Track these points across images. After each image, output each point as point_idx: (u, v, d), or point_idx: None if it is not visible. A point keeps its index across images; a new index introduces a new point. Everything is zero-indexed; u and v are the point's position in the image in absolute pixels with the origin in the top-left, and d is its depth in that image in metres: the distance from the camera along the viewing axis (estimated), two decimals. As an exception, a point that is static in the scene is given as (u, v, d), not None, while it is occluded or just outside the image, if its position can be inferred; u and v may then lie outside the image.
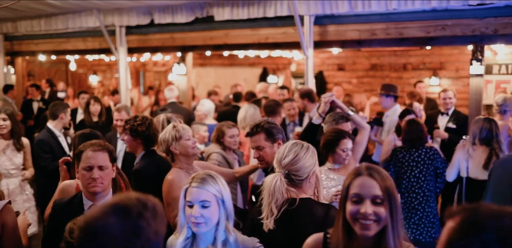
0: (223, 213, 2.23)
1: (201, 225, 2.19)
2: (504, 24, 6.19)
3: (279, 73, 12.37)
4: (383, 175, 1.85)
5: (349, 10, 6.70)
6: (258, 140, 3.21)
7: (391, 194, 1.81)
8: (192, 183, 2.24)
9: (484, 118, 4.97)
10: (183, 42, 8.49)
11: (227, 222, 2.25)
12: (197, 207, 2.19)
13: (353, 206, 1.82)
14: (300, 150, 2.52)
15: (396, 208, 1.81)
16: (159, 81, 13.99)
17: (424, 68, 10.78)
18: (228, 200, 2.26)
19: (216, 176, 2.28)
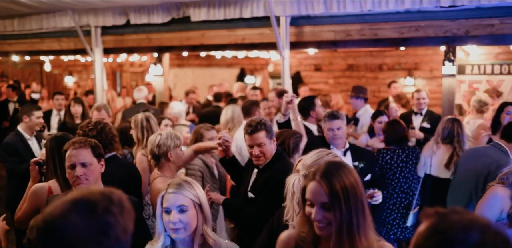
0: (201, 217, 2.24)
1: (179, 231, 2.19)
2: (475, 25, 6.32)
3: (257, 74, 12.41)
4: (338, 177, 1.82)
5: (325, 11, 6.76)
6: (260, 137, 3.32)
7: (345, 197, 1.79)
8: (168, 189, 2.24)
9: (449, 118, 5.11)
10: (159, 42, 8.45)
11: (205, 226, 2.25)
12: (174, 213, 2.20)
13: (308, 208, 1.86)
14: (324, 154, 2.56)
15: (356, 207, 1.80)
16: (136, 82, 13.89)
17: (400, 68, 10.94)
18: (206, 205, 2.27)
19: (192, 182, 2.29)
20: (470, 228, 1.15)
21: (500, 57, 9.55)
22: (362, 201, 1.83)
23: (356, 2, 6.54)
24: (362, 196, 1.84)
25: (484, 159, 4.00)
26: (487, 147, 4.12)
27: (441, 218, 1.20)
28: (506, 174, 3.02)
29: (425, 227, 1.22)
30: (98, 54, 8.74)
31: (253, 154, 3.36)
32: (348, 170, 1.87)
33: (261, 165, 3.39)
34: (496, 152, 3.93)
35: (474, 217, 1.20)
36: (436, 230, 1.18)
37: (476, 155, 4.16)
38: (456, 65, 6.93)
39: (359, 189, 1.83)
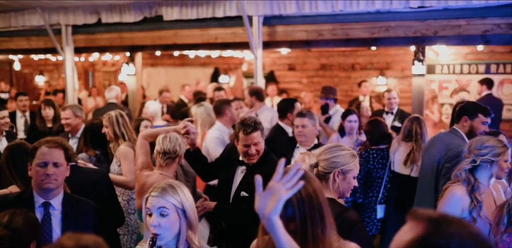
0: (183, 223, 2.21)
1: (159, 237, 2.16)
2: (443, 26, 6.46)
3: (231, 73, 12.40)
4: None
5: (297, 11, 6.81)
6: (258, 136, 3.39)
7: (300, 208, 1.85)
8: (152, 192, 2.23)
9: (410, 117, 5.27)
10: (131, 41, 8.37)
11: (190, 233, 2.23)
12: (155, 216, 2.18)
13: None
14: (338, 147, 2.61)
15: (312, 217, 1.85)
16: (109, 81, 13.72)
17: (372, 68, 11.07)
18: (191, 211, 2.24)
19: (177, 186, 2.26)
20: (466, 242, 1.13)
21: (468, 57, 9.78)
22: (321, 210, 1.88)
23: (327, 2, 6.61)
24: (320, 204, 1.89)
25: (438, 145, 4.16)
26: (445, 133, 4.28)
27: (435, 228, 1.16)
28: (459, 170, 3.10)
29: (417, 235, 1.17)
30: (69, 53, 8.61)
31: (248, 153, 3.39)
32: (308, 179, 1.90)
33: (252, 163, 3.45)
34: (451, 136, 4.05)
35: (468, 228, 1.18)
36: (430, 242, 1.14)
37: (433, 141, 4.33)
38: (425, 64, 7.07)
39: (317, 198, 1.88)
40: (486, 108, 4.04)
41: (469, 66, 9.81)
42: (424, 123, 5.28)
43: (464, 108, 4.09)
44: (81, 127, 5.39)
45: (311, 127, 4.37)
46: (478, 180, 3.04)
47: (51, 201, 2.72)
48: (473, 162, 3.05)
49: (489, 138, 3.14)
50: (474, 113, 4.00)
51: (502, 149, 3.05)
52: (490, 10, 6.20)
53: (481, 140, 3.11)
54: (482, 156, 3.03)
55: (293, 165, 1.81)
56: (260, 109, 6.01)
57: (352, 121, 5.66)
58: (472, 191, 3.01)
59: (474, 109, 4.03)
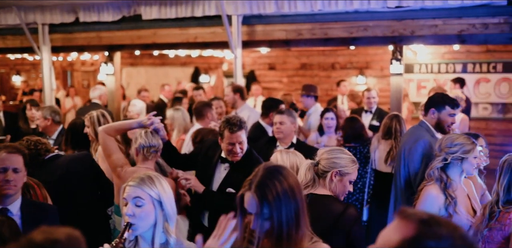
0: (160, 214, 2.21)
1: (134, 227, 2.16)
2: (420, 25, 6.54)
3: (211, 73, 12.37)
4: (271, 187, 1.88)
5: (276, 10, 6.83)
6: (242, 135, 3.47)
7: (277, 207, 1.85)
8: (129, 182, 2.24)
9: (390, 115, 5.33)
10: (110, 41, 8.29)
11: (167, 225, 2.23)
12: (130, 205, 2.19)
13: (248, 216, 1.97)
14: (341, 150, 2.78)
15: (288, 216, 1.86)
16: (88, 81, 13.57)
17: (351, 67, 11.16)
18: (168, 203, 2.23)
19: (156, 178, 2.26)
20: (456, 245, 1.14)
21: (446, 57, 9.92)
22: (297, 208, 1.89)
23: (306, 2, 6.64)
24: (296, 202, 1.89)
25: (404, 138, 4.23)
26: (414, 127, 4.28)
27: (426, 229, 1.16)
28: (431, 169, 3.16)
29: (408, 235, 1.16)
30: (46, 52, 8.48)
31: (233, 151, 3.45)
32: (285, 176, 1.91)
33: (235, 161, 3.52)
34: (418, 129, 4.09)
35: (458, 230, 1.18)
36: (422, 244, 1.14)
37: (403, 136, 4.43)
38: (403, 64, 7.15)
39: (293, 196, 1.89)
40: (453, 100, 4.04)
41: (447, 65, 9.95)
42: (404, 121, 5.35)
43: (432, 100, 4.09)
44: (57, 128, 5.34)
45: (289, 125, 4.41)
46: (450, 177, 3.12)
47: (9, 207, 2.69)
48: (444, 160, 3.12)
49: (458, 136, 3.21)
50: (441, 105, 3.98)
51: (471, 146, 3.12)
52: (466, 10, 6.30)
53: (450, 138, 3.18)
54: (453, 153, 3.10)
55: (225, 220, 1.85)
56: (240, 108, 6.03)
57: (329, 119, 5.71)
58: (445, 189, 3.08)
59: (442, 101, 4.01)
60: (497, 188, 2.80)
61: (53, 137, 5.35)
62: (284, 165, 3.12)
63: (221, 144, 3.53)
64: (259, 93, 9.59)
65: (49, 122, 5.30)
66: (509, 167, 2.74)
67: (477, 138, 3.73)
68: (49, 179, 3.51)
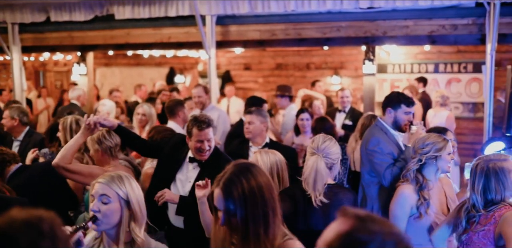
0: (126, 214, 2.21)
1: (98, 222, 2.18)
2: (392, 26, 6.64)
3: (187, 73, 12.31)
4: (238, 185, 1.89)
5: (250, 10, 6.84)
6: (211, 132, 3.48)
7: (242, 204, 1.87)
8: (99, 179, 2.25)
9: (367, 115, 5.36)
10: (82, 41, 8.19)
11: (134, 225, 2.22)
12: (96, 201, 2.20)
13: (218, 213, 2.00)
14: (330, 139, 3.02)
15: (254, 214, 1.86)
16: (60, 81, 13.35)
17: (326, 67, 11.24)
18: (136, 204, 2.23)
19: (126, 178, 2.27)
20: (386, 240, 1.18)
21: (418, 57, 10.07)
22: (265, 208, 1.89)
23: (280, 2, 6.67)
24: (265, 202, 1.89)
25: (363, 139, 4.28)
26: (371, 127, 4.33)
27: (361, 224, 1.21)
28: (408, 171, 3.20)
29: (343, 230, 1.22)
30: (16, 52, 8.32)
31: (201, 148, 3.44)
32: (254, 174, 1.92)
33: (204, 160, 3.50)
34: (373, 128, 4.14)
35: (391, 227, 1.23)
36: (354, 237, 1.19)
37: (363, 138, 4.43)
38: (376, 64, 7.24)
39: (261, 195, 1.89)
40: (409, 98, 4.07)
41: (419, 65, 10.10)
42: None
43: (388, 99, 4.11)
44: (24, 130, 5.24)
45: (258, 124, 4.41)
46: (426, 177, 3.16)
47: None
48: (419, 162, 3.16)
49: (429, 135, 3.26)
50: (397, 104, 4.00)
51: (442, 143, 3.17)
52: (436, 11, 6.42)
53: (422, 139, 3.23)
54: (426, 153, 3.14)
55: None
56: (207, 108, 6.04)
57: (304, 119, 5.74)
58: (420, 190, 3.12)
59: (397, 100, 4.02)
60: (473, 192, 2.77)
61: (19, 138, 5.25)
62: (259, 164, 3.16)
63: (188, 142, 3.50)
64: (232, 94, 9.58)
65: (16, 123, 5.19)
66: (482, 172, 2.73)
67: (446, 132, 3.80)
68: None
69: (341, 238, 1.20)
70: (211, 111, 5.98)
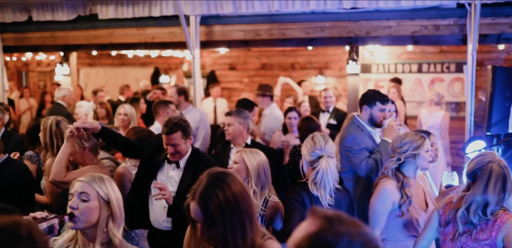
0: (104, 213, 2.21)
1: (75, 219, 2.17)
2: (374, 27, 6.68)
3: (171, 73, 12.26)
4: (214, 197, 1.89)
5: (234, 10, 6.84)
6: (176, 138, 3.40)
7: (220, 216, 1.87)
8: (80, 178, 2.26)
9: (352, 115, 5.37)
10: (65, 41, 8.11)
11: (112, 225, 2.22)
12: (75, 198, 2.19)
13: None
14: (328, 137, 3.14)
15: (232, 224, 1.87)
16: (44, 82, 13.21)
17: (311, 67, 11.27)
18: (117, 205, 2.24)
19: (108, 180, 2.28)
20: (353, 241, 1.19)
21: (402, 57, 10.16)
22: (241, 217, 1.90)
23: (264, 3, 6.68)
24: (240, 211, 1.90)
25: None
26: (348, 124, 4.43)
27: (328, 225, 1.22)
28: (386, 169, 3.22)
29: (311, 231, 1.23)
30: (-3, 52, 8.22)
31: (168, 151, 3.45)
32: (228, 184, 1.92)
33: (177, 161, 3.48)
34: (350, 126, 4.26)
35: (359, 228, 1.23)
36: (320, 238, 1.20)
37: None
38: (360, 64, 7.29)
39: (237, 205, 1.90)
40: (384, 96, 4.18)
41: (403, 65, 10.18)
42: None
43: (363, 97, 4.23)
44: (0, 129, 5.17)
45: (237, 126, 4.42)
46: (405, 175, 3.17)
47: None
48: (398, 161, 3.17)
49: (406, 134, 3.28)
50: (372, 101, 4.12)
51: (420, 141, 3.18)
52: (418, 12, 6.48)
53: (399, 138, 3.25)
54: (404, 152, 3.16)
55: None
56: (186, 109, 6.03)
57: (292, 118, 5.77)
58: (402, 187, 3.13)
59: (372, 97, 4.15)
60: (487, 194, 2.60)
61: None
62: (246, 164, 3.17)
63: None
64: (218, 95, 9.55)
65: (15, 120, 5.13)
66: (499, 173, 2.61)
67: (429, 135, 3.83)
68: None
69: (308, 239, 1.21)
70: (191, 112, 5.99)
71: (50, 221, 2.12)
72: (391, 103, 5.05)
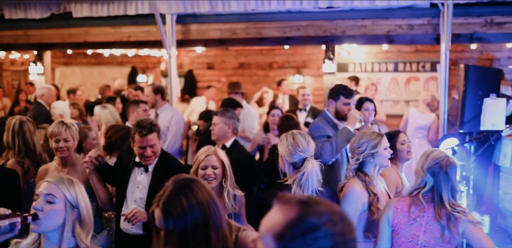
0: (70, 217, 2.15)
1: (38, 222, 2.10)
2: (350, 26, 6.73)
3: (149, 72, 12.16)
4: (177, 204, 1.86)
5: (210, 9, 6.81)
6: (153, 139, 3.39)
7: (182, 224, 1.84)
8: (48, 179, 2.20)
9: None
10: (39, 39, 7.98)
11: (80, 230, 2.17)
12: (40, 199, 2.12)
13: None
14: (308, 137, 3.14)
15: (196, 231, 1.84)
16: (18, 81, 12.97)
17: (289, 66, 11.30)
18: (85, 209, 2.19)
19: (77, 183, 2.22)
20: (335, 220, 1.24)
21: (379, 56, 10.26)
22: (206, 223, 1.87)
23: (240, 2, 6.67)
24: (206, 217, 1.87)
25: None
26: (318, 117, 4.58)
27: (307, 208, 1.24)
28: (348, 170, 3.24)
29: (292, 216, 1.23)
30: (-32, 51, 8.05)
31: (144, 154, 3.37)
32: (194, 191, 1.89)
33: (150, 165, 3.42)
34: (318, 119, 4.41)
35: (333, 207, 1.28)
36: (305, 222, 1.22)
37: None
38: (336, 63, 7.33)
39: (203, 211, 1.87)
40: (348, 90, 4.32)
41: (379, 64, 10.29)
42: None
43: (330, 91, 4.40)
44: None
45: (221, 126, 4.33)
46: (368, 174, 3.19)
47: None
48: (357, 161, 3.19)
49: (363, 133, 3.30)
50: (337, 95, 4.28)
51: (377, 139, 3.20)
52: (392, 11, 6.55)
53: (357, 138, 3.27)
54: (362, 152, 3.17)
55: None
56: (161, 108, 5.98)
57: (275, 115, 5.78)
58: (367, 186, 3.15)
59: (337, 92, 4.31)
60: (453, 184, 2.77)
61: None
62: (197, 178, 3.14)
63: (133, 148, 3.44)
64: (212, 97, 9.19)
65: None
66: (454, 168, 2.81)
67: (398, 134, 3.87)
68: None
69: (292, 225, 1.22)
70: (165, 111, 5.94)
71: (12, 219, 2.04)
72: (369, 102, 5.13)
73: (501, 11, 6.26)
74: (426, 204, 2.80)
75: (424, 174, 2.82)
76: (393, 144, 3.69)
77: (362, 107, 5.14)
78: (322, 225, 1.21)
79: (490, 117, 5.08)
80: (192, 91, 11.51)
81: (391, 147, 3.49)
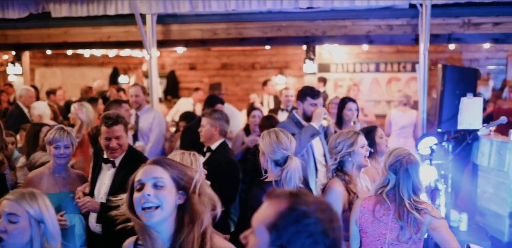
0: (36, 232, 2.11)
1: (3, 244, 2.06)
2: (330, 26, 6.76)
3: (131, 73, 12.08)
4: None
5: (191, 9, 6.79)
6: (120, 130, 3.37)
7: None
8: (8, 196, 2.13)
9: None
10: (17, 39, 7.88)
11: (47, 244, 2.14)
12: (2, 220, 2.07)
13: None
14: (289, 134, 3.17)
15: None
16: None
17: (271, 67, 11.32)
18: (50, 222, 2.15)
19: (39, 195, 2.17)
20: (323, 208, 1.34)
21: (360, 57, 10.33)
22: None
23: (220, 2, 6.65)
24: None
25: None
26: (286, 120, 4.63)
27: (297, 198, 1.34)
28: (328, 171, 3.25)
29: (283, 207, 1.32)
30: None
31: (110, 146, 3.35)
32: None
33: (115, 158, 3.38)
34: (286, 122, 4.46)
35: (318, 198, 1.40)
36: (296, 211, 1.31)
37: None
38: (317, 63, 7.36)
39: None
40: (314, 91, 4.37)
41: (361, 65, 10.36)
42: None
43: (297, 93, 4.44)
44: None
45: (208, 127, 4.20)
46: (347, 173, 3.20)
47: None
48: (335, 161, 3.21)
49: (340, 133, 3.31)
50: (303, 96, 4.32)
51: (353, 138, 3.20)
52: (372, 12, 6.60)
53: (333, 138, 3.28)
54: (340, 152, 3.18)
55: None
56: (143, 109, 5.94)
57: (256, 116, 5.77)
58: (346, 185, 3.16)
59: (304, 93, 4.35)
60: (416, 180, 2.77)
61: None
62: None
63: (100, 141, 3.45)
64: (199, 99, 9.12)
65: None
66: (416, 165, 2.81)
67: (375, 129, 3.89)
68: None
69: (284, 215, 1.31)
70: (147, 113, 5.89)
71: None
72: (352, 102, 5.16)
73: (478, 11, 6.34)
74: (390, 202, 2.78)
75: (387, 172, 2.81)
76: (372, 138, 3.71)
77: (345, 108, 5.17)
78: (311, 212, 1.30)
79: (467, 116, 5.13)
80: (175, 92, 11.46)
81: (370, 141, 3.50)
